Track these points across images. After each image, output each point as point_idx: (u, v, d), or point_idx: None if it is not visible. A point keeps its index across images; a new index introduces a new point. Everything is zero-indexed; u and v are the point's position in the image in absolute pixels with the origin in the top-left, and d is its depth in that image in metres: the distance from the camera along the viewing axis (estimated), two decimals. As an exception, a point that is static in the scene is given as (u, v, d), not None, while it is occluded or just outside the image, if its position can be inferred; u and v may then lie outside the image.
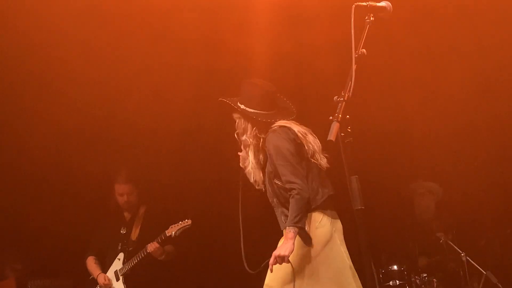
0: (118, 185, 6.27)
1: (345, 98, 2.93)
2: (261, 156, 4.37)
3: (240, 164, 4.49)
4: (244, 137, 4.38)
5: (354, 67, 2.99)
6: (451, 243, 6.11)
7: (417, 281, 6.11)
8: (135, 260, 5.96)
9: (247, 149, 4.40)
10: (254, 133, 4.34)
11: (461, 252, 6.00)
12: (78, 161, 6.80)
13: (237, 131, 4.45)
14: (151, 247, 5.87)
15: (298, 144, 4.21)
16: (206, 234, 7.00)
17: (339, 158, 2.92)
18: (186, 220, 5.79)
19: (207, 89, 6.47)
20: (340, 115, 2.88)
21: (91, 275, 6.25)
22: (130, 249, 6.11)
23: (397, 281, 6.12)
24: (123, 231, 6.28)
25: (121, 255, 6.13)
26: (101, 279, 6.10)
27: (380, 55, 5.58)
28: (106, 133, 6.82)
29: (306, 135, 4.25)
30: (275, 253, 4.04)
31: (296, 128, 4.25)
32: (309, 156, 4.23)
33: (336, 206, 4.31)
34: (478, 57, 6.12)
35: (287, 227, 4.06)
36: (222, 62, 6.35)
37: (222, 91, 6.60)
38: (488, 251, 6.44)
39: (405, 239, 6.57)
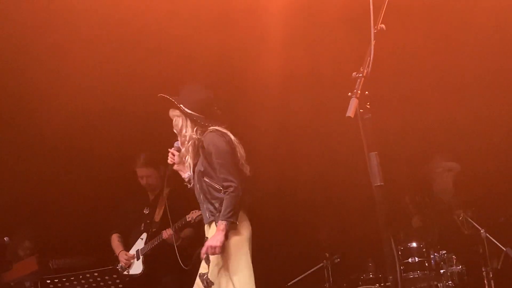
0: (138, 169, 6.33)
1: (364, 74, 2.90)
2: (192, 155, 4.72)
3: (169, 160, 4.86)
4: (186, 134, 4.68)
5: (373, 42, 2.95)
6: (471, 220, 6.09)
7: (436, 258, 6.10)
8: (155, 242, 6.00)
9: (187, 146, 4.69)
10: (196, 133, 4.66)
11: (480, 229, 5.97)
12: (101, 140, 6.84)
13: (175, 129, 4.75)
14: (166, 234, 5.90)
15: (232, 148, 4.59)
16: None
17: (358, 135, 2.90)
18: None
19: (221, 69, 6.47)
20: (359, 91, 2.85)
21: (115, 253, 6.32)
22: (154, 230, 6.15)
23: (416, 258, 6.10)
24: (146, 211, 6.32)
25: (144, 235, 6.17)
26: (122, 256, 6.16)
27: (398, 32, 5.52)
28: (130, 113, 6.84)
29: (238, 143, 4.66)
30: (207, 243, 4.41)
31: (231, 135, 4.64)
32: (239, 162, 4.62)
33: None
34: (496, 36, 6.06)
35: (219, 220, 4.42)
36: (236, 42, 6.33)
37: (236, 71, 6.63)
38: (508, 228, 6.40)
39: (424, 216, 6.55)
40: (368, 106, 2.90)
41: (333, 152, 7.02)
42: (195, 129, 4.66)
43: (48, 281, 5.21)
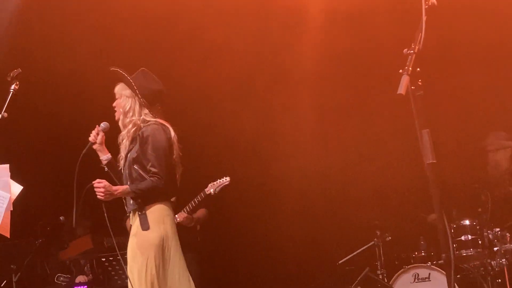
0: None
1: (415, 51, 2.86)
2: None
3: (91, 138, 4.72)
4: (133, 119, 4.61)
5: (424, 18, 2.91)
6: (525, 197, 6.00)
7: (490, 235, 6.01)
8: None
9: (129, 129, 4.61)
10: (142, 119, 4.59)
11: (535, 206, 5.87)
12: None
13: (122, 109, 4.65)
14: (180, 217, 5.82)
15: (170, 145, 4.57)
16: (243, 195, 7.08)
17: (410, 112, 2.88)
18: (225, 177, 5.69)
19: (261, 50, 6.47)
20: (410, 68, 2.82)
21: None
22: None
23: (469, 236, 6.04)
24: None
25: None
26: None
27: (448, 7, 5.43)
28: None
29: (177, 141, 4.63)
30: (107, 184, 4.44)
31: (173, 132, 4.61)
32: (173, 158, 4.60)
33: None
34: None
35: (128, 186, 4.47)
36: (276, 22, 6.32)
37: (277, 52, 6.62)
38: None
39: (478, 193, 6.46)
40: (420, 83, 2.86)
41: (380, 130, 6.98)
42: (141, 117, 4.61)
43: (103, 259, 5.32)
